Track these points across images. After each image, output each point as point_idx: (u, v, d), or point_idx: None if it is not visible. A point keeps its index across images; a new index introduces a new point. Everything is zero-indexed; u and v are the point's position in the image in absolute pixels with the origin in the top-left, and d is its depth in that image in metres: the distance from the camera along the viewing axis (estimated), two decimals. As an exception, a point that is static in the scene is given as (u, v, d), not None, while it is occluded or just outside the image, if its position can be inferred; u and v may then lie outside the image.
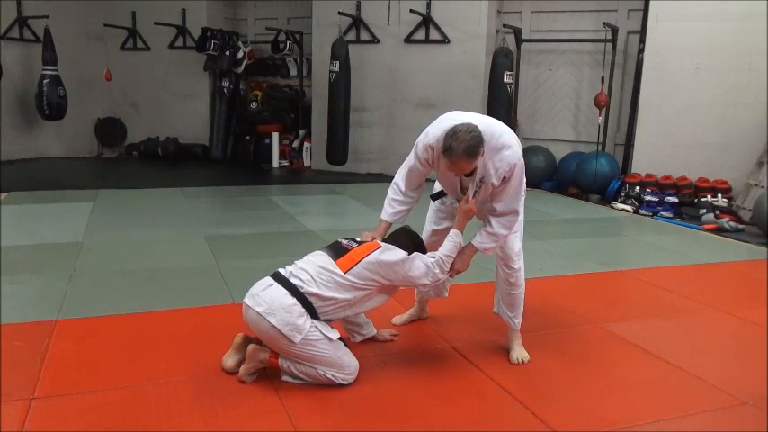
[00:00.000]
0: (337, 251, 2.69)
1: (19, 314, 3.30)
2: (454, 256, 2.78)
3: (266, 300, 2.55)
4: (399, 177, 2.91)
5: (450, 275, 2.88)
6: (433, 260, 2.73)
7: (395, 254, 2.67)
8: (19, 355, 2.82)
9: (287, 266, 2.71)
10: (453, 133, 2.55)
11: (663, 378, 2.88)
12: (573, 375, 2.87)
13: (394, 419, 2.45)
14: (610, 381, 2.83)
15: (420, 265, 2.70)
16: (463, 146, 2.52)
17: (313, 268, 2.61)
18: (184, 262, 4.52)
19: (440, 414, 2.50)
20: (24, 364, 2.73)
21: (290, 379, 2.63)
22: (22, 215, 5.82)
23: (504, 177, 2.69)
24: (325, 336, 2.57)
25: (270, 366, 2.65)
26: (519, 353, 3.00)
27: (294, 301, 2.53)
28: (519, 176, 2.72)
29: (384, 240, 2.81)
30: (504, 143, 2.66)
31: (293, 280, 2.58)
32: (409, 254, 2.71)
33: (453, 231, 2.79)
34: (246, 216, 6.21)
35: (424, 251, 2.83)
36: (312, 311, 2.56)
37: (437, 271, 2.72)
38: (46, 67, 8.97)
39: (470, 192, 2.77)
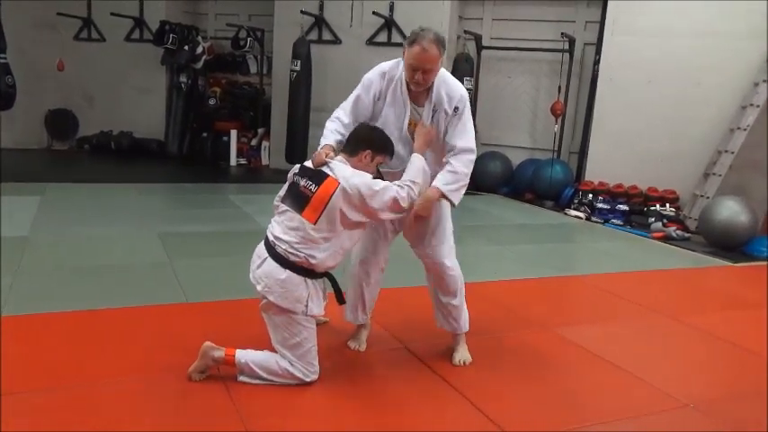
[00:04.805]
0: (298, 199, 2.58)
1: (-41, 310, 3.17)
2: (420, 181, 2.62)
3: (262, 277, 2.56)
4: (341, 113, 2.78)
5: (413, 219, 2.72)
6: (400, 189, 2.54)
7: (358, 185, 2.49)
8: (-42, 352, 2.71)
9: (269, 227, 2.65)
10: (418, 29, 2.63)
11: (610, 381, 2.96)
12: (524, 377, 2.92)
13: (348, 421, 2.45)
14: (559, 383, 2.89)
15: (385, 196, 2.51)
16: (431, 33, 2.60)
17: (287, 234, 2.55)
18: (136, 259, 4.41)
19: (393, 416, 2.51)
20: (-37, 362, 2.62)
21: (246, 379, 2.59)
22: (-36, 207, 5.59)
23: (457, 108, 2.72)
24: (310, 324, 2.60)
25: (224, 365, 2.60)
26: (462, 354, 3.03)
27: (287, 273, 2.52)
28: (468, 110, 2.78)
29: (344, 147, 2.68)
30: (447, 74, 2.79)
31: (278, 250, 2.54)
32: (373, 151, 2.61)
33: (414, 155, 2.67)
34: (202, 214, 6.11)
35: (390, 147, 2.68)
36: (309, 273, 2.55)
37: (404, 196, 2.53)
38: (-6, 55, 8.65)
39: (425, 118, 2.74)
